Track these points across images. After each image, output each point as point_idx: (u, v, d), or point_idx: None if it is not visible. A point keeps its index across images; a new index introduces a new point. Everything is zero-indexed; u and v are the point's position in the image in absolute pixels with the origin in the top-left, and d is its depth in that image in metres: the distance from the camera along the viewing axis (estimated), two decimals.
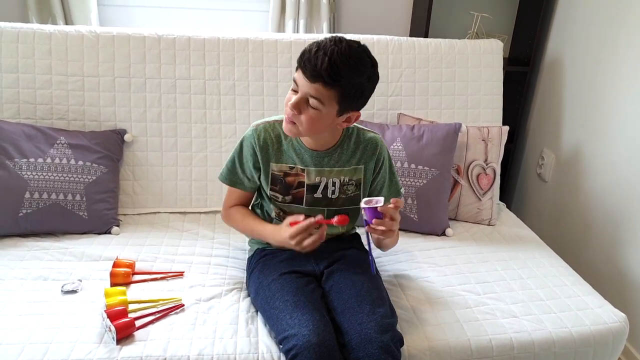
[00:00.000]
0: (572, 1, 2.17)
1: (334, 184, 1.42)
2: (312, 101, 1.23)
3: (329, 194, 1.43)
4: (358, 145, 1.43)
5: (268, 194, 1.44)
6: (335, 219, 1.27)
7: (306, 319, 1.21)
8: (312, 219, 1.26)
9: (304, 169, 1.41)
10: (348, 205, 1.45)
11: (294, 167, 1.40)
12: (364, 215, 1.28)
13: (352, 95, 1.24)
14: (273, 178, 1.42)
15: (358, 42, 1.23)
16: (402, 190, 1.54)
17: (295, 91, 1.26)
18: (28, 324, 1.27)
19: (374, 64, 1.26)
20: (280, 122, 1.39)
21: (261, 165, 1.41)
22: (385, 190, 1.49)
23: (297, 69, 1.25)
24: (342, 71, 1.19)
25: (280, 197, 1.43)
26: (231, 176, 1.47)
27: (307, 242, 1.27)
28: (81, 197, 1.68)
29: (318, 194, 1.42)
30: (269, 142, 1.40)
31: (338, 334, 1.24)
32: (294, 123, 1.28)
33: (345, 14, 2.42)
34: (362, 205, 1.26)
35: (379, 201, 1.25)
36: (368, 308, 1.25)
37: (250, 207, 1.56)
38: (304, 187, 1.42)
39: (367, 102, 1.31)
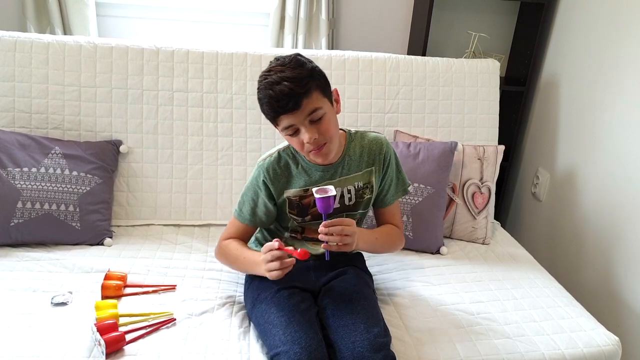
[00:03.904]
0: (568, 22, 2.20)
1: (349, 191, 1.42)
2: (314, 115, 1.25)
3: (346, 202, 1.43)
4: (363, 147, 1.44)
5: (287, 216, 1.44)
6: (298, 251, 1.26)
7: (299, 336, 1.21)
8: (277, 246, 1.25)
9: None
10: (364, 209, 1.46)
11: (307, 189, 1.40)
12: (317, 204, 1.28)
13: (321, 80, 1.28)
14: (290, 203, 1.42)
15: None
16: (410, 188, 1.54)
17: (294, 132, 1.27)
18: (16, 336, 1.25)
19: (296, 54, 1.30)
20: (283, 149, 1.41)
21: (275, 197, 1.41)
22: (393, 189, 1.49)
23: (277, 121, 1.27)
24: (298, 75, 1.22)
25: (300, 219, 1.44)
26: (245, 214, 1.44)
27: (273, 265, 1.25)
28: (74, 208, 1.67)
29: (336, 204, 1.41)
30: (279, 172, 1.40)
31: (331, 352, 1.24)
32: (325, 144, 1.29)
33: (344, 30, 2.43)
34: (315, 193, 1.26)
35: (331, 196, 1.26)
36: (362, 327, 1.25)
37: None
38: None
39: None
